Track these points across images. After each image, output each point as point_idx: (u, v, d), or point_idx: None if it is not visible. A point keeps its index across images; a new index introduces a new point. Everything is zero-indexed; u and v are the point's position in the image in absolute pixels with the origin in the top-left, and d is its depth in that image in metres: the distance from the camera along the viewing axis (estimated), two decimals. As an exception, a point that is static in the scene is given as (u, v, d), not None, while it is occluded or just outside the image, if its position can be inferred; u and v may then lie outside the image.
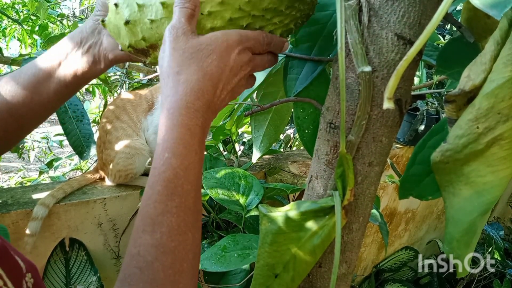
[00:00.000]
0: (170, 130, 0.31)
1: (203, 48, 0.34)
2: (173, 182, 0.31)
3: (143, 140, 1.02)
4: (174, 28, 0.34)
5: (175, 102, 0.32)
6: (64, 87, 0.43)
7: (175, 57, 0.33)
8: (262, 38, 0.38)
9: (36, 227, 0.85)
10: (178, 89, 0.32)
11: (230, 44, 0.34)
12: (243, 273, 0.79)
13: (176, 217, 0.31)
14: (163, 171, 0.31)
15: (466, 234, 0.33)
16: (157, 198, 0.30)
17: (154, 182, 0.31)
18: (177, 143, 0.31)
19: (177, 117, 0.31)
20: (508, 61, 0.28)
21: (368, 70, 0.35)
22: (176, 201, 0.31)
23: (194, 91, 0.32)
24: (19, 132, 0.44)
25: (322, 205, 0.41)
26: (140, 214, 0.31)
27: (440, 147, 0.33)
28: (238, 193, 0.86)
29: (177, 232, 0.30)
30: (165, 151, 0.31)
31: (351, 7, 0.35)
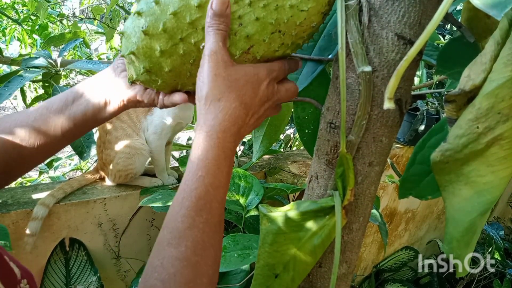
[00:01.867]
0: (206, 151, 0.33)
1: (239, 78, 0.36)
2: (203, 199, 0.32)
3: (143, 140, 1.02)
4: (214, 53, 0.35)
5: (214, 126, 0.34)
6: (73, 126, 0.43)
7: (217, 84, 0.34)
8: (284, 67, 0.40)
9: (36, 227, 0.85)
10: (218, 115, 0.34)
11: (260, 77, 0.37)
12: (243, 273, 0.79)
13: (202, 233, 0.32)
14: (195, 188, 0.32)
15: (466, 234, 0.33)
16: (186, 212, 0.32)
17: (185, 197, 0.32)
18: (211, 163, 0.33)
19: (215, 140, 0.33)
20: (508, 61, 0.28)
21: (368, 70, 0.35)
22: (204, 217, 0.32)
23: (232, 117, 0.34)
24: (21, 168, 0.44)
25: (322, 205, 0.41)
26: (165, 227, 0.32)
27: (440, 147, 0.33)
28: (238, 193, 0.86)
29: (201, 247, 0.32)
30: (200, 169, 0.33)
31: (351, 7, 0.35)
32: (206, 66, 0.35)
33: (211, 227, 0.33)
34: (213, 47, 0.35)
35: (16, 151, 0.41)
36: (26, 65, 0.97)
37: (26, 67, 0.97)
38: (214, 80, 0.35)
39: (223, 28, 0.35)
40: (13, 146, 0.41)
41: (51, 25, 2.15)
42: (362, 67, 0.35)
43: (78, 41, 1.21)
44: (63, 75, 1.80)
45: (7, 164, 0.42)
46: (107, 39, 1.78)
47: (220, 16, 0.35)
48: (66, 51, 1.18)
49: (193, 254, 0.31)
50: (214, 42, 0.35)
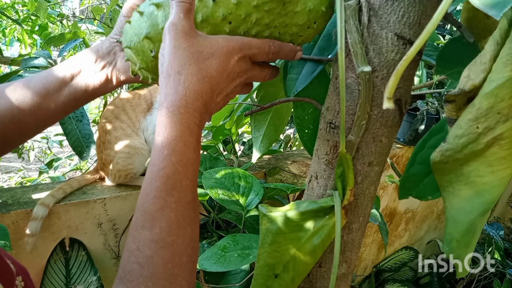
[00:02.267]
0: (169, 127, 0.31)
1: (202, 49, 0.34)
2: (172, 178, 0.31)
3: (142, 139, 1.02)
4: (173, 25, 0.34)
5: (175, 101, 0.32)
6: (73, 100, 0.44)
7: (176, 56, 0.33)
8: (267, 47, 0.37)
9: (36, 227, 0.85)
10: (178, 89, 0.32)
11: (230, 50, 0.35)
12: (243, 273, 0.79)
13: (175, 212, 0.31)
14: (162, 167, 0.31)
15: (466, 234, 0.33)
16: (156, 193, 0.31)
17: (153, 178, 0.31)
18: (176, 140, 0.32)
19: (177, 115, 0.32)
20: (507, 61, 0.28)
21: (368, 70, 0.35)
22: (175, 196, 0.31)
23: (194, 91, 0.33)
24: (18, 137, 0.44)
25: (322, 205, 0.41)
26: (138, 210, 0.32)
27: (440, 147, 0.33)
28: (238, 193, 0.86)
29: (176, 226, 0.31)
30: (165, 148, 0.31)
31: (351, 7, 0.35)
32: (166, 38, 0.34)
33: (184, 205, 0.32)
34: (173, 19, 0.34)
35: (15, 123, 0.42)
36: (26, 65, 0.97)
37: (26, 67, 0.97)
38: (173, 52, 0.33)
39: (185, 0, 0.34)
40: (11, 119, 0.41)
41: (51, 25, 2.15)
42: (361, 67, 0.35)
43: (78, 41, 1.21)
44: (63, 75, 1.80)
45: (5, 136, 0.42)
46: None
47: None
48: (66, 51, 1.18)
49: (168, 235, 0.30)
50: (175, 14, 0.34)
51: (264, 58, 0.38)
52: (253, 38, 0.37)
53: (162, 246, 0.30)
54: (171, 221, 0.31)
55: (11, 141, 0.44)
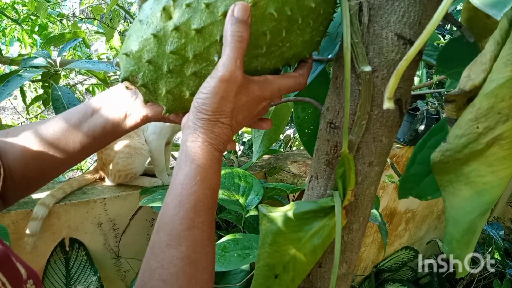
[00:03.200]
0: (203, 158, 0.35)
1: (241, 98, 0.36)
2: (202, 202, 0.34)
3: (142, 140, 1.02)
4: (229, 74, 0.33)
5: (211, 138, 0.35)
6: (92, 137, 0.42)
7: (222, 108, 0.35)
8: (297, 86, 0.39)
9: (36, 227, 0.85)
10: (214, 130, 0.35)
11: (261, 99, 0.37)
12: (243, 273, 0.79)
13: (201, 232, 0.34)
14: (193, 192, 0.34)
15: (466, 234, 0.33)
16: (185, 215, 0.33)
17: (183, 201, 0.33)
18: (208, 169, 0.35)
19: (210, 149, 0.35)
20: (508, 61, 0.28)
21: (368, 70, 0.35)
22: (202, 217, 0.34)
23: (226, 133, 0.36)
24: (40, 180, 0.44)
25: (322, 205, 0.41)
26: (162, 230, 0.33)
27: (440, 147, 0.33)
28: (238, 193, 0.86)
29: (200, 245, 0.33)
30: (198, 175, 0.34)
31: (352, 7, 0.35)
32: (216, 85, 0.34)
33: (208, 225, 0.34)
34: (230, 67, 0.33)
35: (36, 163, 0.42)
36: (26, 65, 0.97)
37: (25, 67, 0.97)
38: (219, 103, 0.34)
39: (246, 37, 0.33)
40: (33, 158, 0.41)
41: (51, 25, 2.15)
42: (362, 67, 0.35)
43: (78, 41, 1.21)
44: (63, 75, 1.80)
45: (27, 176, 0.42)
46: (107, 39, 1.78)
47: (244, 23, 0.32)
48: (66, 50, 1.18)
49: (193, 252, 0.32)
50: (232, 59, 0.33)
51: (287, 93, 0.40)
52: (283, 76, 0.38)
53: (187, 263, 0.32)
54: (196, 239, 0.33)
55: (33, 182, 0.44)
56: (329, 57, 0.45)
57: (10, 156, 0.40)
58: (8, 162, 0.40)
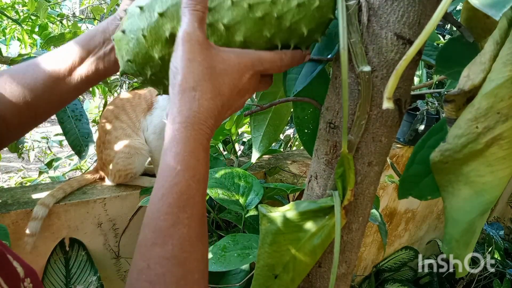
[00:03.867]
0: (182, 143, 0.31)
1: (215, 64, 0.33)
2: (186, 194, 0.31)
3: (142, 139, 1.02)
4: (188, 35, 0.32)
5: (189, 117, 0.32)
6: (85, 82, 0.44)
7: (191, 70, 0.32)
8: (280, 61, 0.37)
9: (36, 227, 0.85)
10: (192, 105, 0.32)
11: (242, 67, 0.35)
12: (243, 273, 0.79)
13: (188, 228, 0.31)
14: (175, 183, 0.31)
15: (465, 234, 0.33)
16: (168, 210, 0.30)
17: (164, 194, 0.31)
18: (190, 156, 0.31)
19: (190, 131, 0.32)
20: (507, 60, 0.28)
21: (367, 70, 0.35)
22: (188, 212, 0.31)
23: (207, 109, 0.33)
24: (33, 121, 0.45)
25: (321, 205, 0.41)
26: (147, 227, 0.31)
27: (440, 147, 0.33)
28: (238, 193, 0.86)
29: (188, 243, 0.31)
30: (178, 163, 0.31)
31: (351, 7, 0.35)
32: (179, 49, 0.32)
33: (196, 221, 0.31)
34: (187, 28, 0.32)
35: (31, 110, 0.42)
36: (26, 65, 0.97)
37: (25, 67, 0.97)
38: (188, 65, 0.32)
39: (200, 8, 0.33)
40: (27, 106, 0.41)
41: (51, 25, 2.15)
42: (361, 67, 0.35)
43: (78, 41, 1.21)
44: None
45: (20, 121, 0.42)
46: (107, 39, 1.78)
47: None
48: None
49: (181, 251, 0.30)
50: (188, 22, 0.32)
51: (275, 71, 0.38)
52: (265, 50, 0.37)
53: (174, 264, 0.30)
54: (183, 237, 0.30)
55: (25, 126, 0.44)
56: (328, 57, 0.45)
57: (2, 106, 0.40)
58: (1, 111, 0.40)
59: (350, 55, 0.36)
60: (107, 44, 0.44)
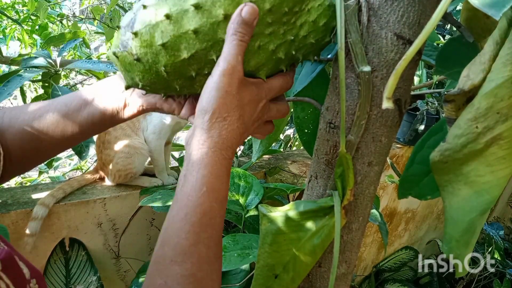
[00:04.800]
0: (210, 166, 0.33)
1: (244, 96, 0.35)
2: (208, 215, 0.32)
3: (142, 139, 1.02)
4: (232, 68, 0.33)
5: (218, 143, 0.34)
6: (91, 123, 0.43)
7: (226, 102, 0.34)
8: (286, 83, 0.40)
9: (36, 227, 0.85)
10: (222, 133, 0.34)
11: (261, 96, 0.37)
12: (243, 273, 0.79)
13: (207, 248, 0.32)
14: (200, 204, 0.32)
15: (465, 234, 0.33)
16: (191, 229, 0.31)
17: (188, 213, 0.32)
18: (216, 179, 0.33)
19: (219, 156, 0.34)
20: (507, 60, 0.28)
21: (367, 70, 0.35)
22: (209, 233, 0.32)
23: (234, 136, 0.35)
24: (36, 160, 0.45)
25: (321, 205, 0.41)
26: (167, 244, 0.32)
27: (439, 147, 0.33)
28: (238, 193, 0.86)
29: (206, 262, 0.32)
30: (204, 185, 0.32)
31: (350, 7, 0.35)
32: (220, 81, 0.33)
33: (215, 241, 0.33)
34: (232, 61, 0.33)
35: (34, 144, 0.42)
36: (26, 65, 0.97)
37: (25, 67, 0.97)
38: (224, 97, 0.34)
39: (247, 40, 0.33)
40: (31, 140, 0.42)
41: (51, 25, 2.15)
42: (361, 67, 0.35)
43: (78, 41, 1.21)
44: (63, 75, 1.80)
45: (24, 156, 0.42)
46: (107, 39, 1.78)
47: (248, 25, 0.33)
48: (66, 50, 1.18)
49: (198, 270, 0.31)
50: (233, 55, 0.33)
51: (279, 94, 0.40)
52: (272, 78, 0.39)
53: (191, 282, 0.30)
54: (202, 256, 0.31)
55: (29, 161, 0.44)
56: (328, 57, 0.45)
57: (8, 135, 0.41)
58: (7, 142, 0.41)
59: (350, 55, 0.36)
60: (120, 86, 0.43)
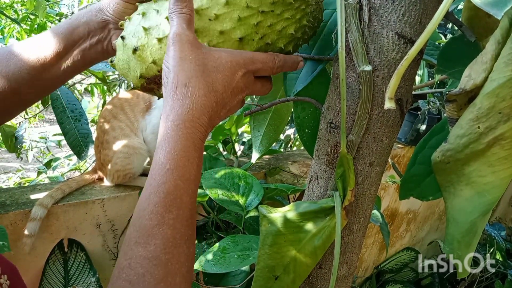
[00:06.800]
0: (174, 142, 0.31)
1: (207, 62, 0.34)
2: (173, 194, 0.30)
3: (141, 139, 1.02)
4: (178, 35, 0.33)
5: (182, 114, 0.31)
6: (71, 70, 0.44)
7: (182, 68, 0.32)
8: (272, 62, 0.38)
9: (35, 228, 0.85)
10: (185, 102, 0.32)
11: (234, 65, 0.35)
12: (243, 275, 0.78)
13: (172, 229, 0.30)
14: (163, 182, 0.30)
15: (467, 235, 0.33)
16: (154, 209, 0.30)
17: (152, 192, 0.30)
18: (180, 155, 0.31)
19: (183, 129, 0.31)
20: (509, 60, 0.28)
21: (368, 69, 0.35)
22: (174, 213, 0.30)
23: (200, 105, 0.32)
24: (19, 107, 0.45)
25: (322, 205, 0.41)
26: (132, 225, 0.30)
27: (441, 147, 0.32)
28: (237, 194, 0.86)
29: (172, 244, 0.30)
30: (167, 162, 0.30)
31: (351, 5, 0.35)
32: (171, 49, 0.33)
33: (182, 222, 0.31)
34: (177, 30, 0.33)
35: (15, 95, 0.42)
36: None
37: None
38: (180, 63, 0.32)
39: (186, 11, 0.34)
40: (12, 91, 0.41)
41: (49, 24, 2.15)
42: (362, 66, 0.35)
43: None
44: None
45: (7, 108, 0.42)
46: (106, 39, 1.78)
47: (182, 1, 0.34)
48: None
49: (163, 252, 0.29)
50: (177, 25, 0.34)
51: (268, 73, 0.38)
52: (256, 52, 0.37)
53: (155, 264, 0.29)
54: (167, 238, 0.30)
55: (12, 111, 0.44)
56: (329, 56, 0.44)
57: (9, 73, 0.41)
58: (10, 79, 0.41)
59: (350, 55, 0.36)
60: (92, 36, 0.43)
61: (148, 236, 0.29)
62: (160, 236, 0.29)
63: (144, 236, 0.29)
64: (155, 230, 0.29)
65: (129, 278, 0.28)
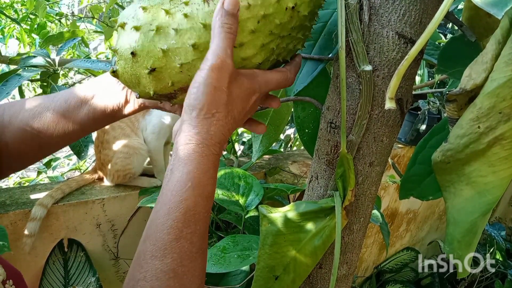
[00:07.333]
0: (196, 162, 0.32)
1: (233, 90, 0.34)
2: (193, 210, 0.32)
3: (141, 139, 1.02)
4: (221, 62, 0.32)
5: (206, 139, 0.33)
6: (92, 120, 0.43)
7: (215, 98, 0.33)
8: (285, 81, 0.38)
9: (35, 228, 0.85)
10: (210, 129, 0.33)
11: (251, 92, 0.36)
12: (243, 274, 0.78)
13: (190, 243, 0.31)
14: (184, 199, 0.31)
15: (467, 235, 0.33)
16: (173, 224, 0.31)
17: (172, 208, 0.31)
18: (202, 175, 0.32)
19: (206, 152, 0.33)
20: (509, 60, 0.28)
21: (369, 69, 0.35)
22: (192, 228, 0.31)
23: (221, 132, 0.34)
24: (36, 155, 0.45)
25: (322, 205, 0.41)
26: (149, 239, 0.31)
27: (441, 147, 0.32)
28: (237, 194, 0.86)
29: (188, 257, 0.31)
30: (190, 180, 0.32)
31: (351, 5, 0.35)
32: (208, 75, 0.32)
33: (199, 237, 0.32)
34: (220, 54, 0.32)
35: (35, 141, 0.42)
36: (25, 64, 0.97)
37: (24, 66, 0.97)
38: (213, 93, 0.33)
39: (234, 31, 0.33)
40: (32, 137, 0.41)
41: (49, 24, 2.15)
42: (362, 66, 0.35)
43: (77, 39, 1.21)
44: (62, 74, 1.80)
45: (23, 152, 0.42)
46: (106, 38, 1.78)
47: (233, 16, 0.32)
48: (65, 49, 1.17)
49: (179, 266, 0.30)
50: (222, 48, 0.32)
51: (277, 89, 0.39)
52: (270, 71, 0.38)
53: (172, 277, 0.30)
54: (184, 252, 0.31)
55: (29, 158, 0.44)
56: (329, 56, 0.44)
57: (8, 133, 0.41)
58: (6, 139, 0.40)
59: (351, 54, 0.36)
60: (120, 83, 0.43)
61: (165, 250, 0.30)
62: (178, 250, 0.31)
63: (161, 249, 0.30)
64: (173, 244, 0.31)
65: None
